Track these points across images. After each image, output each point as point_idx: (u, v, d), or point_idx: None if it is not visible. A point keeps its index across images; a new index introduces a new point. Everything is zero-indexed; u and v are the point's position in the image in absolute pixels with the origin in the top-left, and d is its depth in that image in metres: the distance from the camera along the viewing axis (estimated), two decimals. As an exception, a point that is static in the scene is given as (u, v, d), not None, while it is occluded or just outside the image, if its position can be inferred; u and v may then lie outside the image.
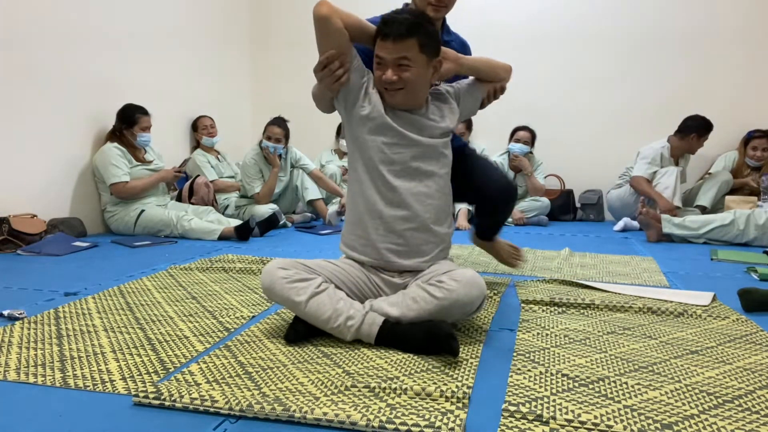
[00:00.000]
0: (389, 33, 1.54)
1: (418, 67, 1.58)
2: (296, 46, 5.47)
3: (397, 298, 1.54)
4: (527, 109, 4.85)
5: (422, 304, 1.47)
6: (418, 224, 1.64)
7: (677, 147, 4.23)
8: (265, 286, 1.53)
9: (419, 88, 1.62)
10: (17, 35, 3.09)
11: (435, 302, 1.46)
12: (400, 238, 1.64)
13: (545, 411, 1.11)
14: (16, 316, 1.72)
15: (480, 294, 1.48)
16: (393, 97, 1.61)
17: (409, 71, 1.57)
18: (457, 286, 1.46)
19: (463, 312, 1.50)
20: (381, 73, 1.59)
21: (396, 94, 1.60)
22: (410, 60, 1.56)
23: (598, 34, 4.81)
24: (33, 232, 2.97)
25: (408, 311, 1.48)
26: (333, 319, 1.48)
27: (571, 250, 3.09)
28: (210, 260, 2.66)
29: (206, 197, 3.94)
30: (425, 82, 1.63)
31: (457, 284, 1.47)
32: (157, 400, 1.14)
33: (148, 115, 3.62)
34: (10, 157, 3.08)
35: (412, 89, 1.61)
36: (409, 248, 1.65)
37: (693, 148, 4.22)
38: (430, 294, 1.48)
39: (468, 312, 1.50)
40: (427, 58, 1.59)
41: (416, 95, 1.64)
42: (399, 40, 1.54)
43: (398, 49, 1.54)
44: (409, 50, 1.55)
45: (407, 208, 1.63)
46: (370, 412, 1.08)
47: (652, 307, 1.89)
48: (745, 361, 1.43)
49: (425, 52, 1.58)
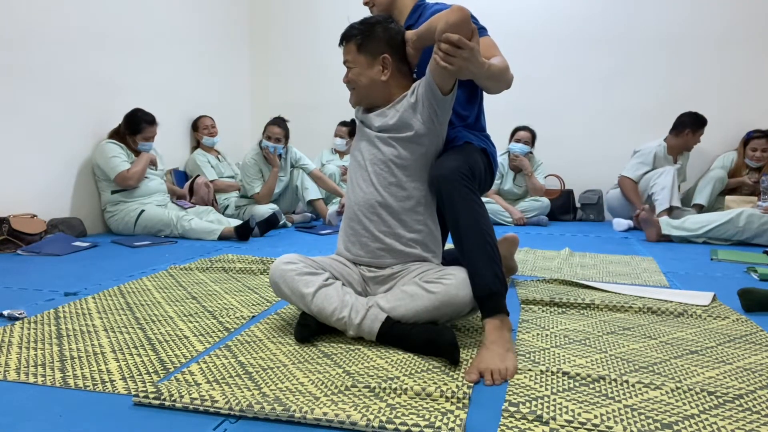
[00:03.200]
0: (341, 41, 1.73)
1: (360, 66, 1.69)
2: (296, 46, 5.47)
3: (394, 294, 1.55)
4: (527, 109, 4.85)
5: (418, 301, 1.49)
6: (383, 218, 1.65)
7: (674, 145, 4.26)
8: (273, 279, 1.58)
9: (367, 85, 1.70)
10: (17, 35, 3.09)
11: (431, 297, 1.48)
12: (367, 233, 1.67)
13: (545, 411, 1.11)
14: (16, 316, 1.72)
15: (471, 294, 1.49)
16: (351, 96, 1.76)
17: (351, 72, 1.71)
18: (451, 283, 1.48)
19: (457, 312, 1.50)
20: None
21: (352, 93, 1.75)
22: (351, 62, 1.71)
23: (598, 34, 4.81)
24: (33, 232, 2.97)
25: (404, 309, 1.49)
26: (338, 311, 1.49)
27: (571, 250, 3.09)
28: (210, 260, 2.66)
29: (206, 197, 3.94)
30: (373, 80, 1.69)
31: (452, 282, 1.49)
32: (157, 400, 1.14)
33: (154, 125, 3.60)
34: (10, 157, 3.08)
35: (360, 87, 1.71)
36: (381, 244, 1.66)
37: (689, 144, 4.24)
38: (426, 290, 1.49)
39: (461, 313, 1.51)
40: (366, 57, 1.69)
41: (368, 93, 1.72)
42: (342, 46, 1.73)
43: (343, 53, 1.73)
44: (348, 53, 1.71)
45: (373, 206, 1.66)
46: (370, 412, 1.08)
47: (652, 307, 1.89)
48: (745, 361, 1.43)
49: (363, 53, 1.69)
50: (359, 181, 1.71)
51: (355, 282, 1.68)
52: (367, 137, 1.72)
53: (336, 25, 5.91)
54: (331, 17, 5.31)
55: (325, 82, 5.29)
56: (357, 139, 1.79)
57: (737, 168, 4.33)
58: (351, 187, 1.75)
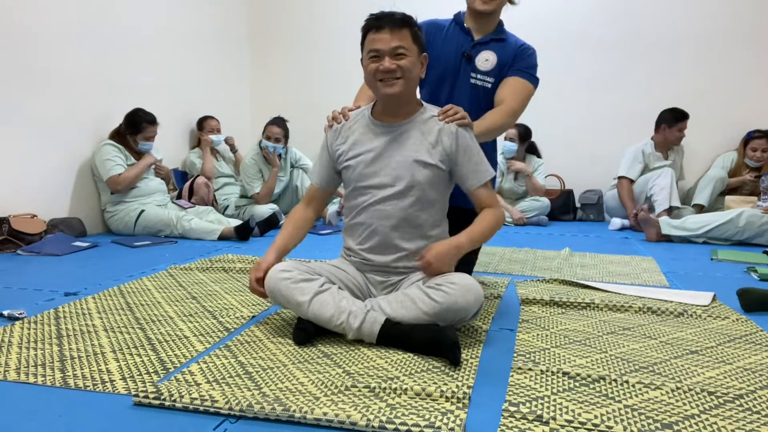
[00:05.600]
0: (384, 25, 1.58)
1: (413, 56, 1.62)
2: (296, 46, 5.46)
3: (396, 297, 1.55)
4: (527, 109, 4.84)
5: (420, 305, 1.48)
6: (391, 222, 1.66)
7: (658, 141, 4.33)
8: (269, 289, 1.58)
9: (414, 78, 1.65)
10: (17, 35, 3.09)
11: (433, 305, 1.47)
12: (377, 235, 1.67)
13: (545, 411, 1.11)
14: (16, 316, 1.72)
15: (476, 300, 1.49)
16: (392, 86, 1.61)
17: (407, 59, 1.60)
18: (454, 289, 1.48)
19: (460, 317, 1.50)
20: (377, 64, 1.60)
21: (396, 83, 1.61)
22: (407, 48, 1.60)
23: (598, 35, 4.81)
24: (33, 232, 2.97)
25: (406, 312, 1.49)
26: (336, 317, 1.49)
27: (571, 250, 3.09)
28: (210, 260, 2.66)
29: (206, 197, 3.94)
30: (418, 75, 1.67)
31: (455, 288, 1.48)
32: (157, 400, 1.14)
33: (154, 124, 3.60)
34: (10, 157, 3.08)
35: (410, 79, 1.63)
36: (386, 244, 1.67)
37: (669, 138, 4.28)
38: (429, 297, 1.49)
39: (464, 318, 1.50)
40: (418, 50, 1.64)
41: (412, 87, 1.67)
42: (395, 30, 1.58)
43: (395, 39, 1.58)
44: (403, 39, 1.59)
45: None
46: (370, 412, 1.08)
47: (652, 307, 1.89)
48: (745, 361, 1.43)
49: (417, 43, 1.63)
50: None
51: (353, 286, 1.67)
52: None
53: (336, 25, 5.90)
54: (331, 17, 5.31)
55: (325, 82, 5.29)
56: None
57: (737, 168, 4.33)
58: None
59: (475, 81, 2.02)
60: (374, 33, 1.60)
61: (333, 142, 1.76)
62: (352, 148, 1.71)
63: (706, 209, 4.16)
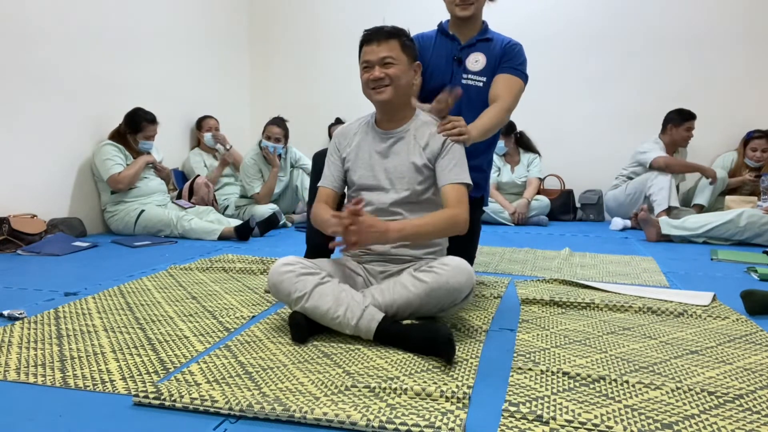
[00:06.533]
0: (373, 38, 1.72)
1: (402, 65, 1.72)
2: (296, 46, 5.46)
3: (388, 285, 1.60)
4: (527, 109, 4.83)
5: (412, 290, 1.54)
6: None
7: (666, 142, 4.32)
8: (271, 281, 1.60)
9: (404, 86, 1.74)
10: (17, 35, 3.09)
11: (424, 286, 1.53)
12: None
13: (545, 411, 1.11)
14: (16, 316, 1.72)
15: (468, 280, 1.54)
16: (381, 93, 1.72)
17: (395, 68, 1.71)
18: (445, 270, 1.54)
19: (452, 299, 1.55)
20: (368, 74, 1.72)
21: (384, 90, 1.72)
22: (394, 58, 1.71)
23: (598, 34, 4.81)
24: (33, 232, 2.97)
25: (398, 297, 1.55)
26: (333, 310, 1.51)
27: (571, 250, 3.09)
28: (210, 260, 2.66)
29: (206, 197, 3.94)
30: (409, 83, 1.76)
31: (446, 269, 1.54)
32: (157, 400, 1.14)
33: (154, 123, 3.60)
34: (10, 157, 3.08)
35: (399, 86, 1.72)
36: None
37: (676, 139, 4.26)
38: (419, 279, 1.55)
39: (456, 299, 1.55)
40: (408, 59, 1.74)
41: (403, 93, 1.75)
42: (383, 42, 1.72)
43: (383, 49, 1.71)
44: (391, 50, 1.71)
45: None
46: (370, 412, 1.08)
47: (652, 307, 1.89)
48: (745, 361, 1.43)
49: (406, 53, 1.74)
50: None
51: (356, 284, 1.71)
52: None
53: (335, 25, 5.91)
54: (331, 18, 5.31)
55: (325, 82, 5.29)
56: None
57: (737, 168, 4.34)
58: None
59: (467, 81, 2.09)
60: (366, 46, 1.74)
61: (340, 144, 1.87)
62: (355, 152, 1.82)
63: (707, 209, 4.16)
